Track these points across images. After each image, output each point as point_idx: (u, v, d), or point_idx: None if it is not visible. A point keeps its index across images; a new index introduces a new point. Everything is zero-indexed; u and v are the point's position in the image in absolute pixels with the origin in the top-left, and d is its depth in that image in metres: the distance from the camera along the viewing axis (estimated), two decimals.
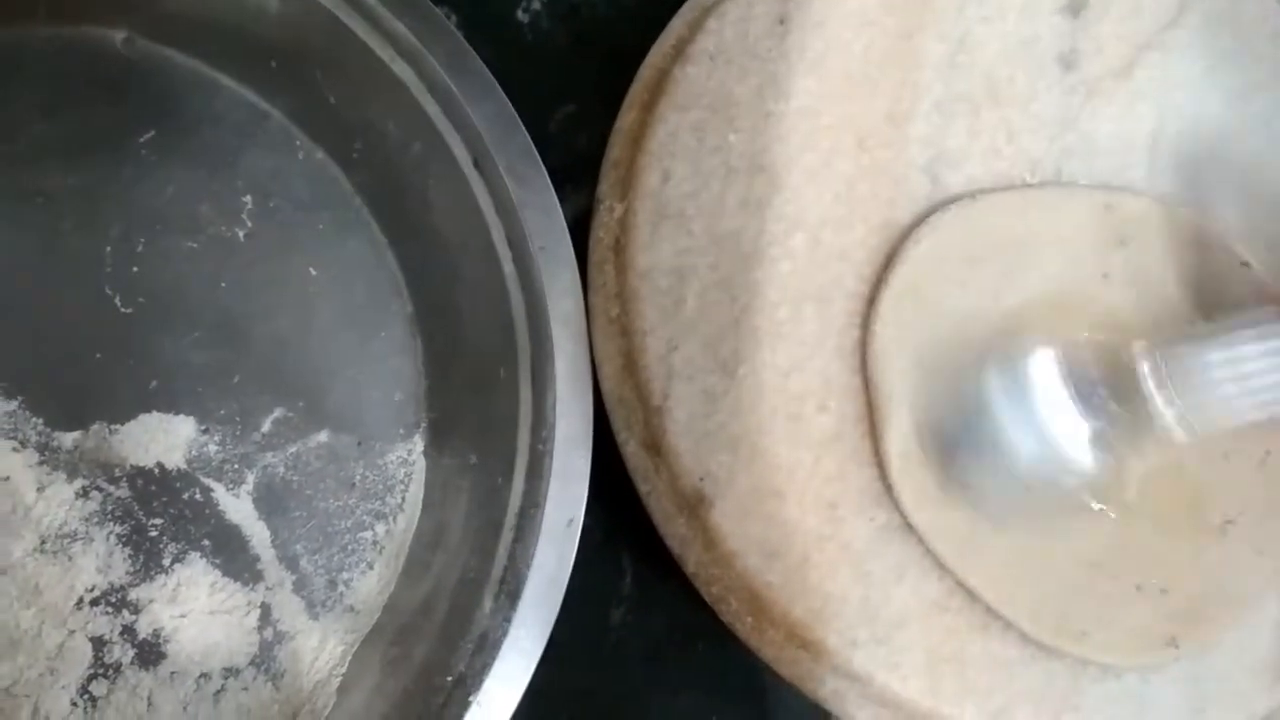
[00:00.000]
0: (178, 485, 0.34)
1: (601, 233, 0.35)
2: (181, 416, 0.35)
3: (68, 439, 0.34)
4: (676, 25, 0.36)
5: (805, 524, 0.33)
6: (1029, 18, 0.37)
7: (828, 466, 0.33)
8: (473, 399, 0.35)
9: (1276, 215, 0.37)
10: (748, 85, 0.35)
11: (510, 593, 0.31)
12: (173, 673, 0.33)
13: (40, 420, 0.34)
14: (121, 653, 0.33)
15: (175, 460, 0.34)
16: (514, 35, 0.40)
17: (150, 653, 0.33)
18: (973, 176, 0.36)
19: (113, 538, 0.34)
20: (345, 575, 0.35)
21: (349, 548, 0.35)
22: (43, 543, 0.33)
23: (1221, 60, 0.38)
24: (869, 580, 0.33)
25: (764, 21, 0.36)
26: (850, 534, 0.33)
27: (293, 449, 0.35)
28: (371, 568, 0.35)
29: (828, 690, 0.33)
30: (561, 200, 0.34)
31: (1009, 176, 0.36)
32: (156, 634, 0.33)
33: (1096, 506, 0.33)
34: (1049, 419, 0.32)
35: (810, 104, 0.35)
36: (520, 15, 0.40)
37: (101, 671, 0.33)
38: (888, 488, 0.33)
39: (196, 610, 0.34)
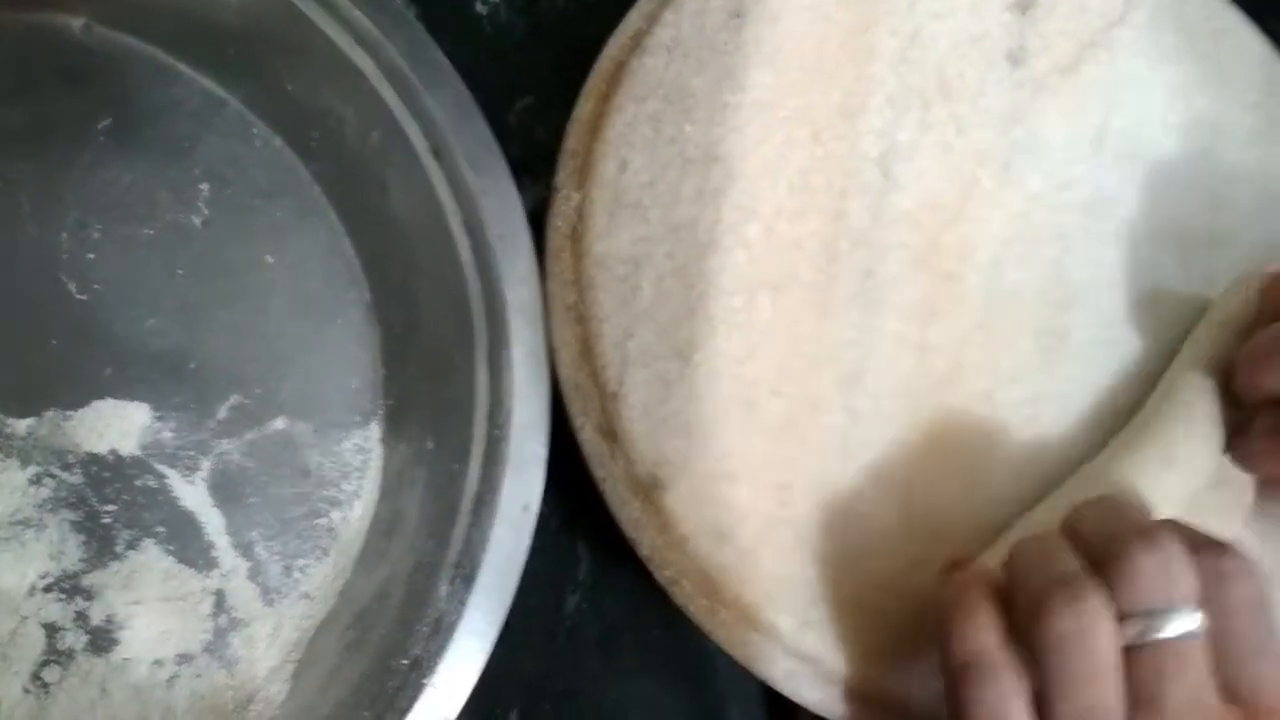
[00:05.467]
0: (132, 472, 0.34)
1: (559, 221, 0.35)
2: (136, 403, 0.34)
3: (21, 425, 0.34)
4: (634, 18, 0.36)
5: (758, 508, 0.33)
6: (978, 15, 0.37)
7: (780, 451, 0.34)
8: (429, 386, 0.35)
9: (1211, 211, 0.38)
10: (704, 77, 0.36)
11: (465, 577, 0.32)
12: (126, 659, 0.33)
13: None
14: (74, 639, 0.33)
15: (129, 447, 0.34)
16: (473, 27, 0.40)
17: (103, 639, 0.33)
18: (924, 169, 0.36)
19: (66, 524, 0.33)
20: (301, 562, 0.35)
21: (305, 534, 0.35)
22: None
23: (1166, 58, 0.39)
24: (820, 563, 0.33)
25: (720, 15, 0.36)
26: (802, 517, 0.33)
27: (249, 436, 0.35)
28: (327, 554, 0.35)
29: (780, 671, 0.33)
30: (521, 191, 0.35)
31: (959, 170, 0.36)
32: (109, 620, 0.33)
33: None
34: None
35: (765, 96, 0.36)
36: (479, 7, 0.40)
37: (54, 658, 0.33)
38: None
39: (150, 597, 0.34)
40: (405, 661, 0.31)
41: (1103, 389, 0.36)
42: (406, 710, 0.31)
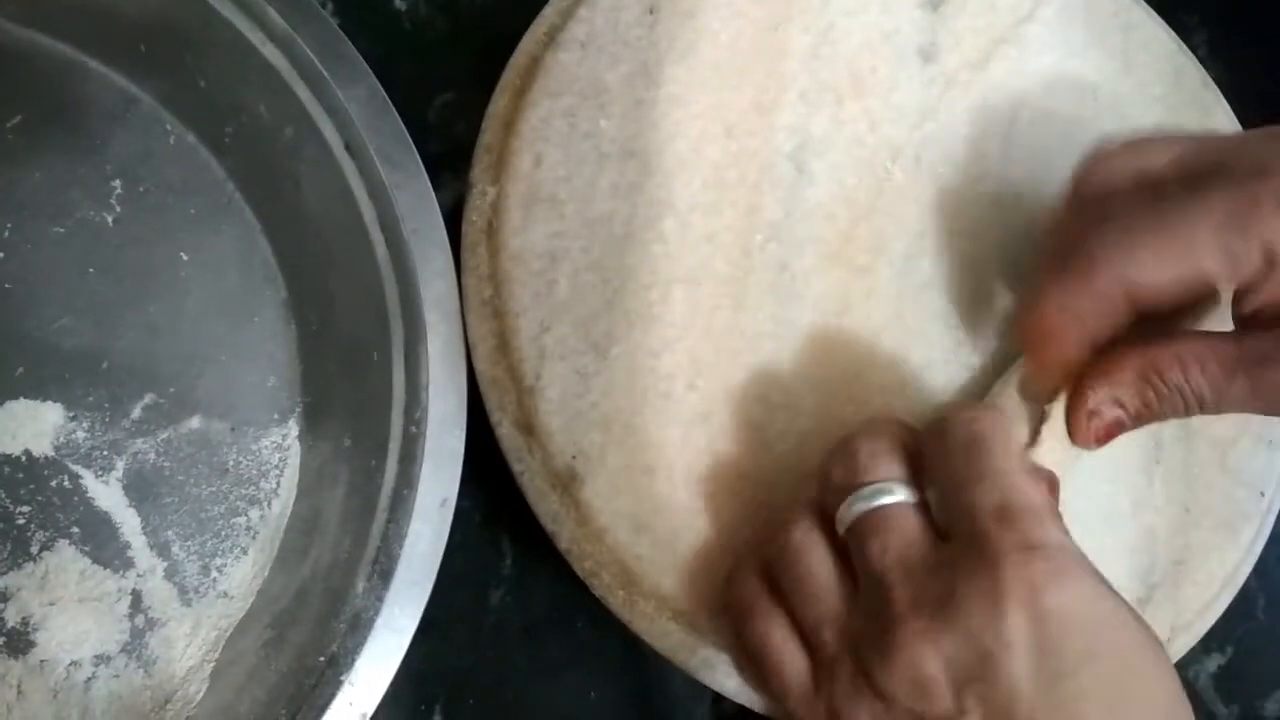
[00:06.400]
0: (45, 472, 0.34)
1: (474, 216, 0.35)
2: (49, 403, 0.34)
3: None
4: (549, 13, 0.37)
5: (674, 498, 0.34)
6: (890, 11, 0.38)
7: (696, 442, 0.34)
8: (346, 383, 0.35)
9: None
10: (618, 72, 0.36)
11: (383, 572, 0.32)
12: (42, 660, 0.33)
13: None
14: None
15: (43, 447, 0.34)
16: (392, 24, 0.40)
17: (19, 641, 0.33)
18: (837, 164, 0.37)
19: None
20: (219, 561, 0.35)
21: (222, 534, 0.35)
22: None
23: (1074, 53, 0.40)
24: (737, 552, 0.33)
25: (634, 10, 0.36)
26: (718, 507, 0.34)
27: (164, 435, 0.35)
28: (246, 553, 0.35)
29: (698, 660, 0.33)
30: (441, 187, 0.35)
31: (871, 164, 0.37)
32: (25, 622, 0.33)
33: None
34: None
35: (680, 92, 0.36)
36: (398, 3, 0.40)
37: None
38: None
39: (66, 598, 0.33)
40: (322, 659, 0.31)
41: None
42: (324, 707, 0.30)
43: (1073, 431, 0.32)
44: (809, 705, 0.29)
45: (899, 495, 0.29)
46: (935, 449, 0.30)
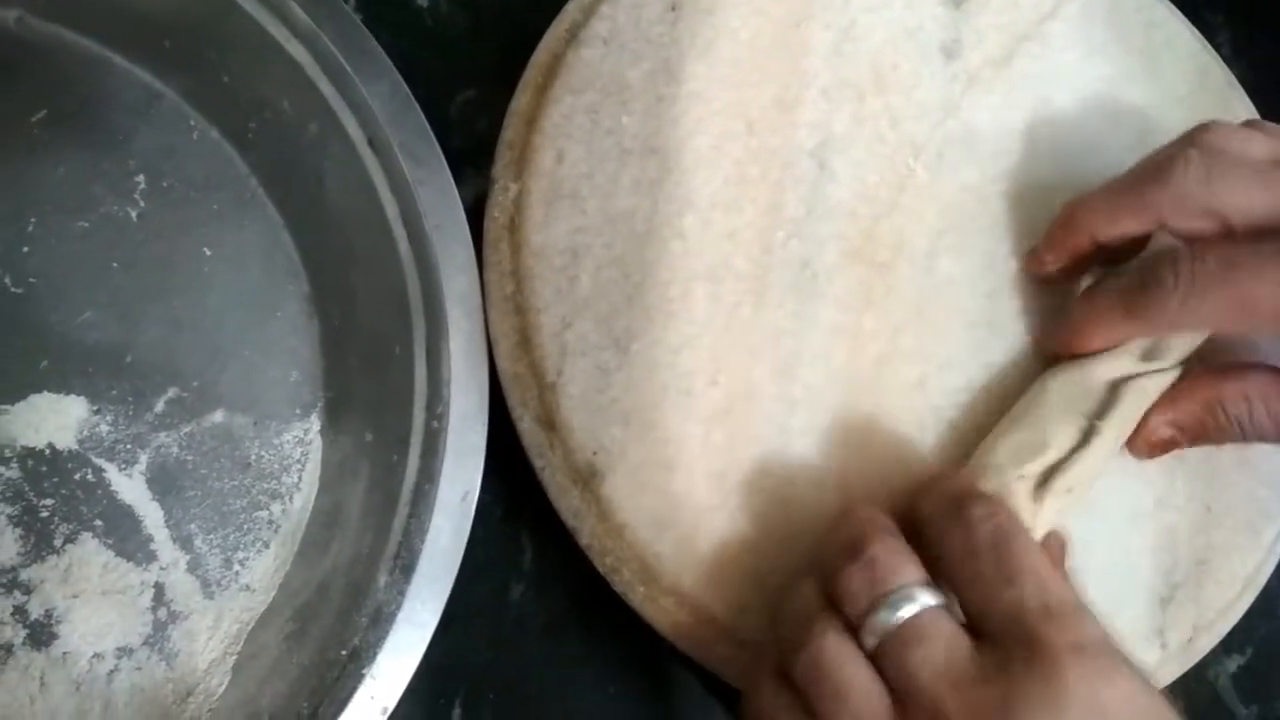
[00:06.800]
0: (69, 465, 0.34)
1: (496, 212, 0.35)
2: (73, 396, 0.34)
3: None
4: (571, 9, 0.37)
5: (695, 495, 0.34)
6: (913, 8, 0.38)
7: (717, 439, 0.34)
8: (369, 378, 0.35)
9: None
10: (640, 69, 0.36)
11: (404, 566, 0.32)
12: (65, 653, 0.33)
13: None
14: (13, 633, 0.33)
15: (66, 440, 0.34)
16: (414, 20, 0.40)
17: (42, 633, 0.33)
18: (858, 160, 0.37)
19: (3, 518, 0.33)
20: (241, 555, 0.35)
21: (244, 527, 0.35)
22: None
23: (1097, 51, 0.40)
24: (757, 549, 0.33)
25: (656, 8, 0.36)
26: (738, 504, 0.34)
27: (187, 429, 0.35)
28: (268, 547, 0.35)
29: (718, 657, 0.33)
30: (463, 182, 0.35)
31: (893, 161, 0.37)
32: (49, 614, 0.33)
33: None
34: None
35: (701, 89, 0.36)
36: (420, 0, 0.40)
37: None
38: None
39: (89, 590, 0.34)
40: (344, 652, 0.31)
41: (1033, 377, 0.36)
42: (345, 701, 0.31)
43: (1130, 443, 0.34)
44: None
45: (928, 600, 0.28)
46: (954, 547, 0.29)
